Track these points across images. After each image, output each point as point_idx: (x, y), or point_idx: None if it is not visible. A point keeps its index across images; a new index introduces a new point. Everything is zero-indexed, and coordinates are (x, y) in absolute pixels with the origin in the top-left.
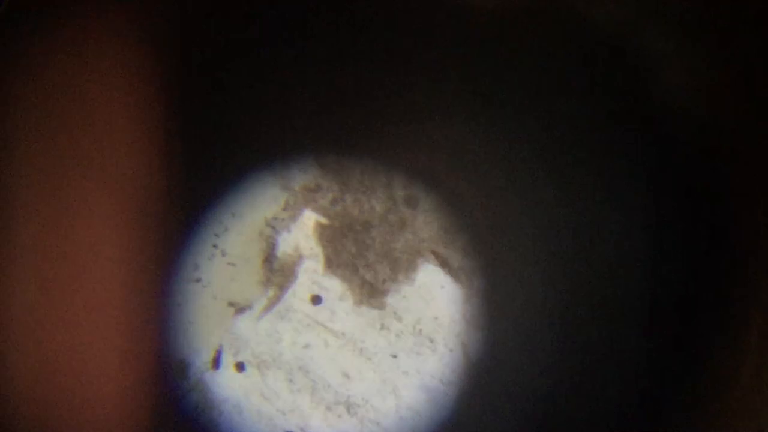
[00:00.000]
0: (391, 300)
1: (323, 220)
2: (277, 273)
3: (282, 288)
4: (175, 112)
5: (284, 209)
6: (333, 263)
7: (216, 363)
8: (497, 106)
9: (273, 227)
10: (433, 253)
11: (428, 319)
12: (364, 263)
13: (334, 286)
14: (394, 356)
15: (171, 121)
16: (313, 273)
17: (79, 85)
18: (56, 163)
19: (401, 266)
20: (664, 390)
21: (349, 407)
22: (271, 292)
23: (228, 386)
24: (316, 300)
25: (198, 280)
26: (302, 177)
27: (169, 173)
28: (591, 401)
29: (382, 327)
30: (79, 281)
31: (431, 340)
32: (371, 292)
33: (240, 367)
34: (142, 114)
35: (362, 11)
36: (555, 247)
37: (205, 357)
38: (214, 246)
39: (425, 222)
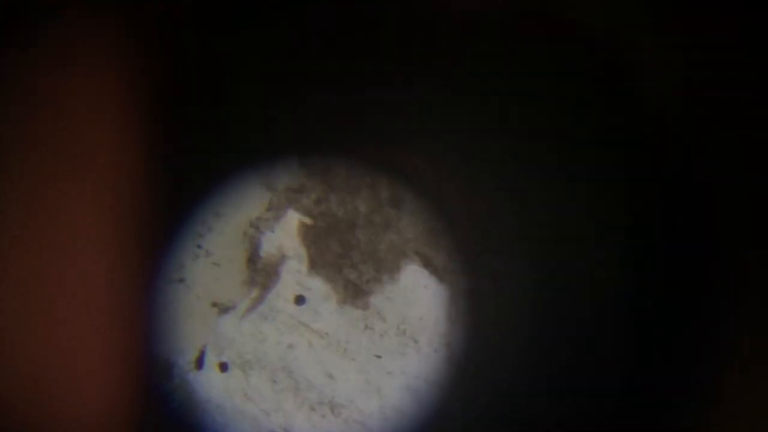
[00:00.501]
0: (375, 300)
1: (307, 221)
2: (261, 273)
3: (265, 288)
4: (158, 113)
5: (268, 209)
6: (317, 263)
7: (199, 363)
8: (482, 106)
9: (257, 227)
10: (418, 253)
11: (412, 320)
12: (348, 263)
13: (317, 287)
14: (378, 356)
15: (154, 121)
16: (296, 273)
17: (62, 87)
18: (39, 164)
19: (385, 266)
20: (651, 386)
21: (333, 407)
22: (254, 293)
23: (211, 386)
24: (300, 300)
25: (182, 280)
26: (286, 177)
27: (153, 173)
28: (575, 399)
29: (366, 327)
30: (61, 281)
31: (415, 341)
32: (355, 293)
33: (223, 367)
34: (126, 114)
35: (348, 12)
36: (539, 246)
37: (189, 357)
38: (198, 246)
39: (409, 222)
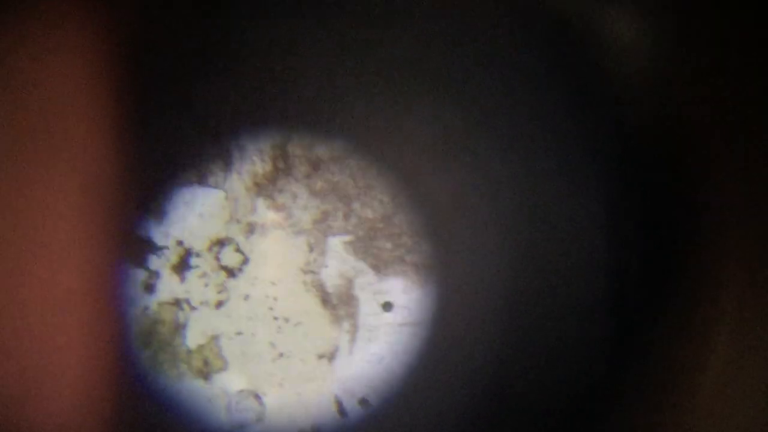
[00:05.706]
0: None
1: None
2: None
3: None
4: (131, 101)
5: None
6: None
7: None
8: (456, 94)
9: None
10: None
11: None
12: None
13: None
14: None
15: (128, 109)
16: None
17: (34, 80)
18: (15, 159)
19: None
20: (623, 374)
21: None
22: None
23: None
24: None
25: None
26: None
27: (130, 167)
28: (548, 386)
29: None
30: (33, 274)
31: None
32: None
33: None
34: (98, 103)
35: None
36: (513, 232)
37: None
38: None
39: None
